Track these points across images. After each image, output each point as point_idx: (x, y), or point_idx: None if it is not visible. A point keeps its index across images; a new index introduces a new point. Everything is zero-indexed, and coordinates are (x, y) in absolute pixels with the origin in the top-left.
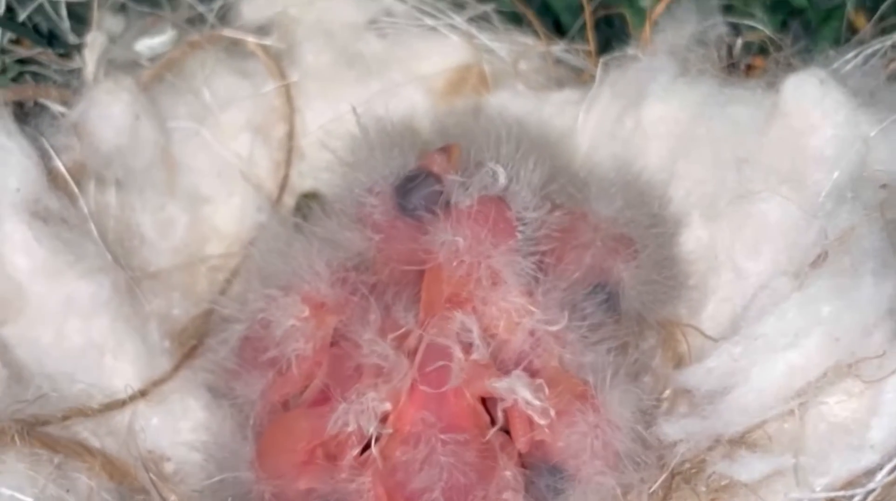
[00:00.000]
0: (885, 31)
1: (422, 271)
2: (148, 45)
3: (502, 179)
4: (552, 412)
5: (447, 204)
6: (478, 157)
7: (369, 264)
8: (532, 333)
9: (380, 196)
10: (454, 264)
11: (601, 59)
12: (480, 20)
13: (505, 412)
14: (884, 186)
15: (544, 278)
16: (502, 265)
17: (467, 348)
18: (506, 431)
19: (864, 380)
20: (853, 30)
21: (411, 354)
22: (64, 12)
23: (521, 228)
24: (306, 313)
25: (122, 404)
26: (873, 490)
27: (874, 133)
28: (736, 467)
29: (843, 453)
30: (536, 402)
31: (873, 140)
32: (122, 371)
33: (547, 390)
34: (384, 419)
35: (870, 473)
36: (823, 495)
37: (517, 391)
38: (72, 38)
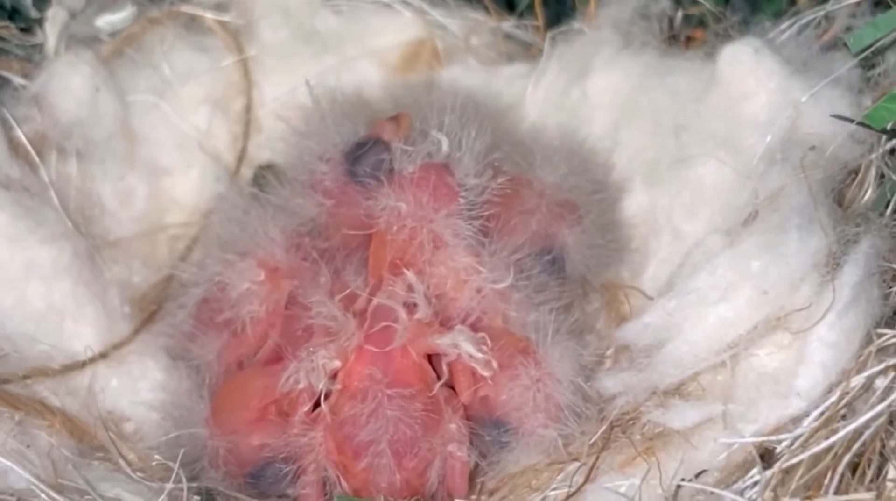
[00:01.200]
0: (822, 2)
1: (370, 236)
2: (108, 20)
3: (445, 147)
4: (494, 365)
5: (391, 171)
6: (424, 126)
7: (322, 229)
8: (479, 291)
9: (330, 163)
10: (395, 228)
11: (549, 34)
12: None
13: (449, 366)
14: (812, 147)
15: (491, 240)
16: (443, 229)
17: (412, 307)
18: (451, 386)
19: (792, 332)
20: (794, 2)
21: (360, 314)
22: None
23: (463, 193)
24: (261, 277)
25: (81, 365)
26: (800, 436)
27: (805, 99)
28: (669, 415)
29: (770, 401)
30: (479, 355)
31: (804, 105)
32: (82, 334)
33: (490, 343)
34: (334, 376)
35: (797, 420)
36: (752, 440)
37: (459, 345)
38: (33, 13)
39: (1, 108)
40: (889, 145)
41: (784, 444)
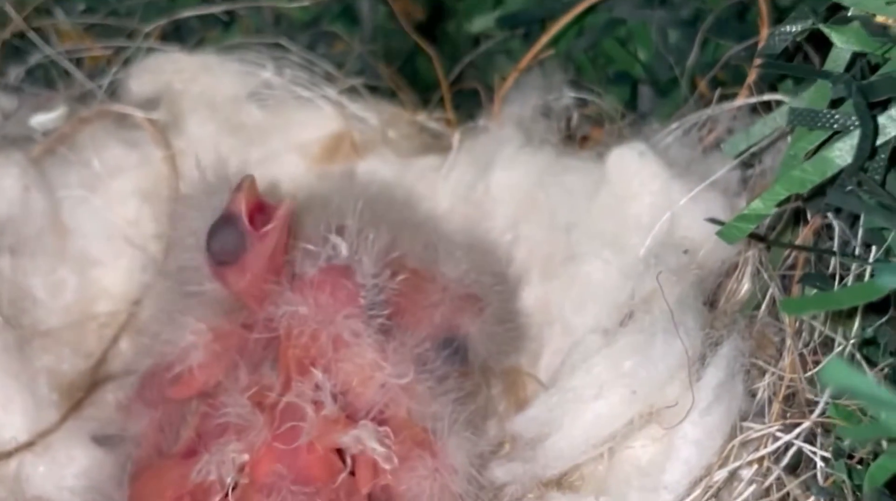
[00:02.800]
0: (723, 98)
1: None
2: (41, 121)
3: (343, 251)
4: (395, 460)
5: (293, 276)
6: (326, 227)
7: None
8: (383, 385)
9: (202, 250)
10: (296, 331)
11: (458, 130)
12: (351, 92)
13: (353, 458)
14: (685, 251)
15: (394, 335)
16: (343, 329)
17: (320, 404)
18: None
19: (664, 427)
20: (701, 96)
21: (270, 410)
22: None
23: (363, 293)
24: (207, 333)
25: (8, 454)
26: None
27: (683, 201)
28: None
29: (641, 494)
30: (381, 449)
31: (682, 208)
32: (10, 424)
33: (392, 437)
34: (242, 469)
35: None
36: None
37: (363, 441)
38: None
39: None
40: (763, 244)
41: None
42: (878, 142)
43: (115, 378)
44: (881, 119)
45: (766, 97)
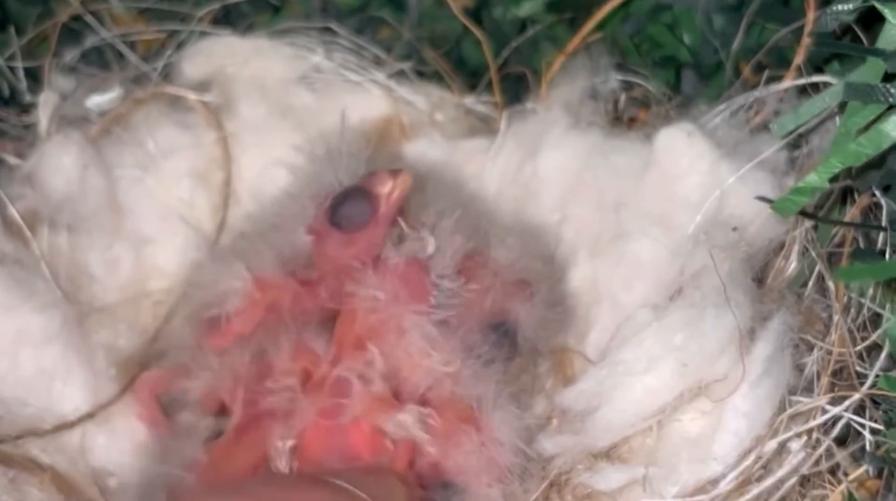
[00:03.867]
0: (770, 80)
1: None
2: (97, 102)
3: (430, 249)
4: (436, 446)
5: (378, 257)
6: (426, 219)
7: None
8: (430, 372)
9: (319, 206)
10: (364, 312)
11: (505, 112)
12: (399, 76)
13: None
14: (734, 229)
15: (446, 321)
16: (410, 325)
17: (368, 382)
18: None
19: (713, 400)
20: (746, 80)
21: (318, 383)
22: (21, 74)
23: (435, 293)
24: (249, 281)
25: (70, 425)
26: (717, 496)
27: (731, 180)
28: (596, 478)
29: (691, 465)
30: (425, 436)
31: (731, 187)
32: (71, 396)
33: (437, 419)
34: (293, 451)
35: (714, 482)
36: (672, 500)
37: (408, 427)
38: (28, 97)
39: None
40: (811, 223)
41: None
42: None
43: (169, 354)
44: None
45: (815, 79)
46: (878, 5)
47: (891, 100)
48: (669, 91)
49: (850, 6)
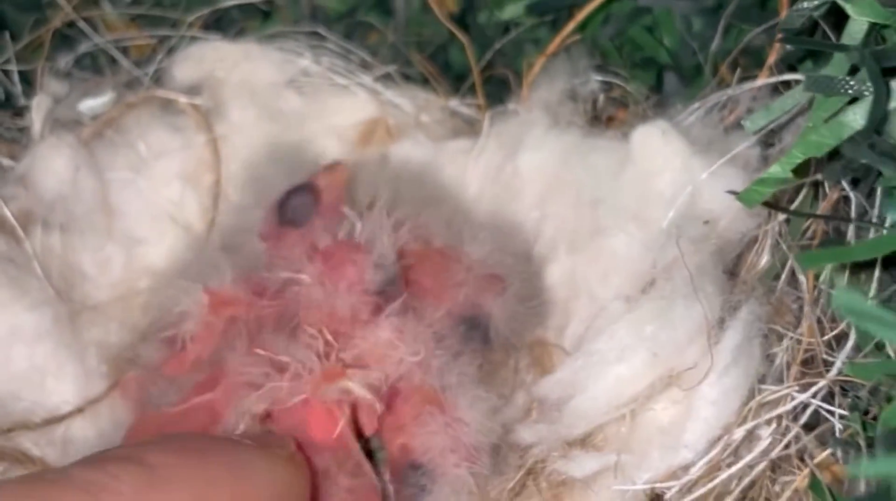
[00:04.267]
0: (744, 79)
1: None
2: (89, 105)
3: (358, 228)
4: (381, 405)
5: (314, 247)
6: (356, 203)
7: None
8: (399, 362)
9: (267, 208)
10: (313, 301)
11: (488, 114)
12: (386, 79)
13: (353, 409)
14: (706, 222)
15: (418, 314)
16: (361, 305)
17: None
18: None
19: (683, 389)
20: (722, 79)
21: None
22: (16, 78)
23: (372, 271)
24: (204, 301)
25: (61, 419)
26: (687, 482)
27: (704, 176)
28: (571, 465)
29: (662, 452)
30: (368, 396)
31: (703, 183)
32: (62, 391)
33: (385, 380)
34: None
35: (685, 468)
36: (643, 486)
37: (351, 390)
38: (23, 101)
39: None
40: (783, 217)
41: (673, 490)
42: (891, 106)
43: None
44: (894, 84)
45: (787, 77)
46: (839, 1)
47: (850, 91)
48: (649, 93)
49: (816, 2)
